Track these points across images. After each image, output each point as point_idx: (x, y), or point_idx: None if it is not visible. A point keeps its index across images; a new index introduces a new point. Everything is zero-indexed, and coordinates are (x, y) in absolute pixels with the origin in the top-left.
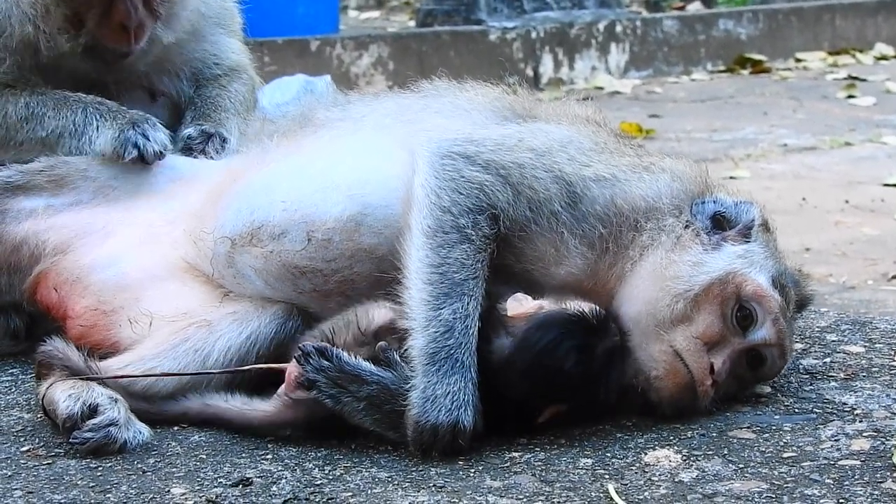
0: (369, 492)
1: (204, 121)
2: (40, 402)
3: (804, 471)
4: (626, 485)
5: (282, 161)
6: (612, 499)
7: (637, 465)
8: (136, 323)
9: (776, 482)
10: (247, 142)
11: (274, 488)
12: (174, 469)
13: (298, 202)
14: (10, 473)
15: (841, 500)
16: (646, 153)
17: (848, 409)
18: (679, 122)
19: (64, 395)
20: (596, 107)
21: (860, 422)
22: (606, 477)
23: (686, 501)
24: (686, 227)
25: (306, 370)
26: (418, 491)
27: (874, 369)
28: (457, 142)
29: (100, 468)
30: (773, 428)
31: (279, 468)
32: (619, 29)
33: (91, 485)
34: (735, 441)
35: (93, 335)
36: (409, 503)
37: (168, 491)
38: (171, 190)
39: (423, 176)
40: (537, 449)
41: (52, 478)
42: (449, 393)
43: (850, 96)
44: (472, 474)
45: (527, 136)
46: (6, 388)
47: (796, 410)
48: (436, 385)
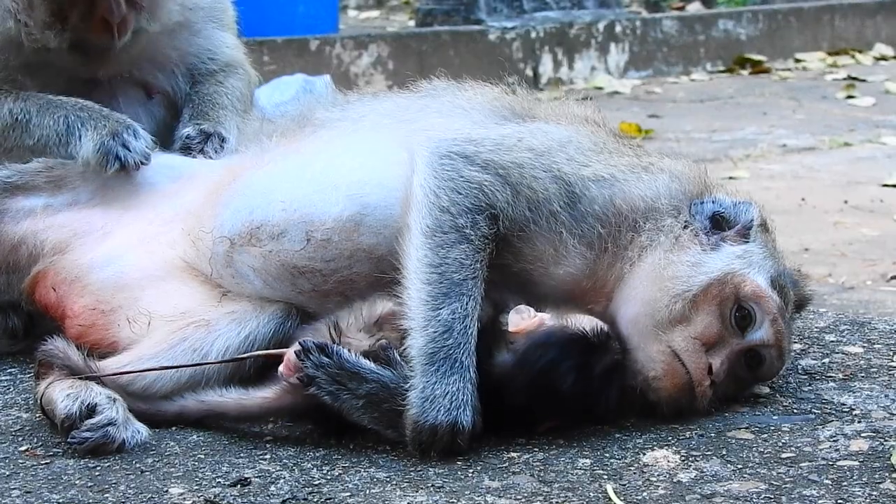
0: (367, 492)
1: (202, 120)
2: (39, 401)
3: (803, 471)
4: (624, 485)
5: (281, 161)
6: (610, 499)
7: (635, 465)
8: (134, 322)
9: (775, 482)
10: (245, 141)
11: (272, 488)
12: (172, 469)
13: (297, 202)
14: (8, 473)
15: (839, 501)
16: (645, 153)
17: (846, 410)
18: (678, 122)
19: (62, 394)
20: (595, 107)
21: (859, 422)
22: (605, 477)
23: (684, 502)
24: (685, 227)
25: (306, 366)
26: (416, 491)
27: (873, 370)
28: (456, 142)
29: (98, 468)
30: (772, 428)
31: (277, 468)
32: (618, 29)
33: (89, 484)
34: (733, 441)
35: (91, 335)
36: (408, 503)
37: (166, 491)
38: (169, 189)
39: (422, 176)
40: (536, 449)
41: (50, 477)
42: (448, 393)
43: (850, 97)
44: (470, 474)
45: (526, 135)
46: (4, 387)
47: (795, 411)
48: (434, 385)
